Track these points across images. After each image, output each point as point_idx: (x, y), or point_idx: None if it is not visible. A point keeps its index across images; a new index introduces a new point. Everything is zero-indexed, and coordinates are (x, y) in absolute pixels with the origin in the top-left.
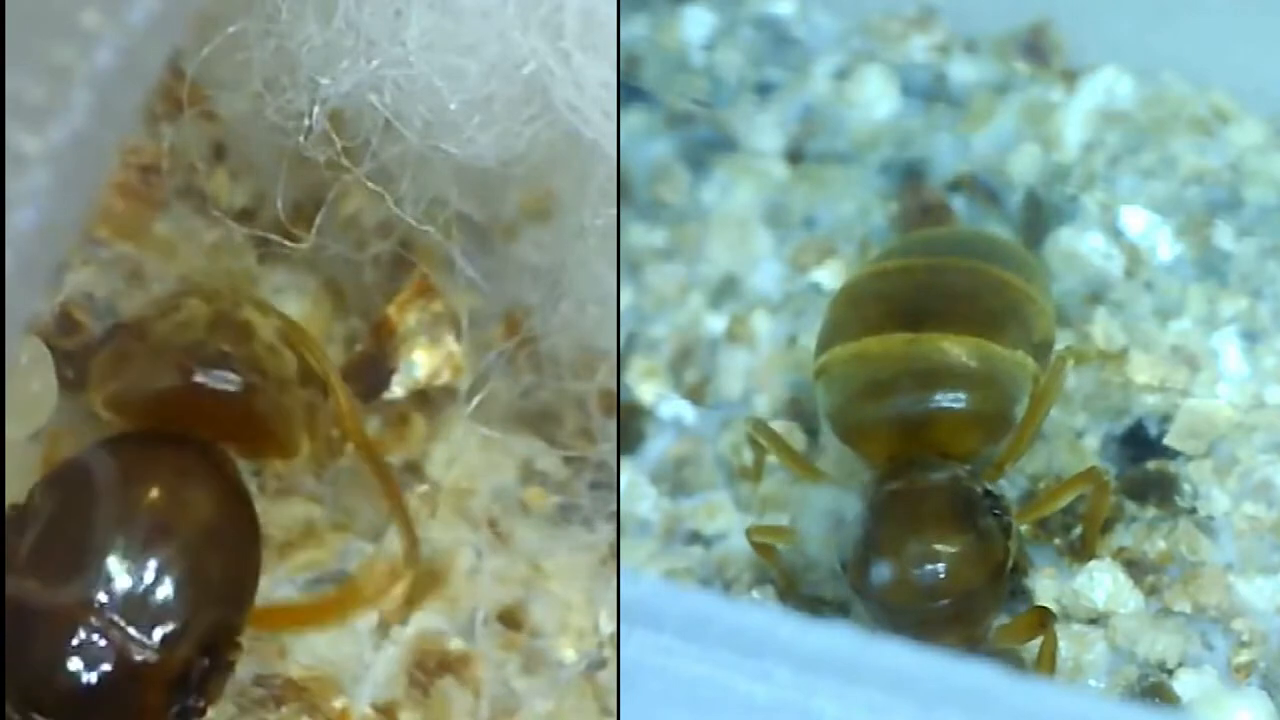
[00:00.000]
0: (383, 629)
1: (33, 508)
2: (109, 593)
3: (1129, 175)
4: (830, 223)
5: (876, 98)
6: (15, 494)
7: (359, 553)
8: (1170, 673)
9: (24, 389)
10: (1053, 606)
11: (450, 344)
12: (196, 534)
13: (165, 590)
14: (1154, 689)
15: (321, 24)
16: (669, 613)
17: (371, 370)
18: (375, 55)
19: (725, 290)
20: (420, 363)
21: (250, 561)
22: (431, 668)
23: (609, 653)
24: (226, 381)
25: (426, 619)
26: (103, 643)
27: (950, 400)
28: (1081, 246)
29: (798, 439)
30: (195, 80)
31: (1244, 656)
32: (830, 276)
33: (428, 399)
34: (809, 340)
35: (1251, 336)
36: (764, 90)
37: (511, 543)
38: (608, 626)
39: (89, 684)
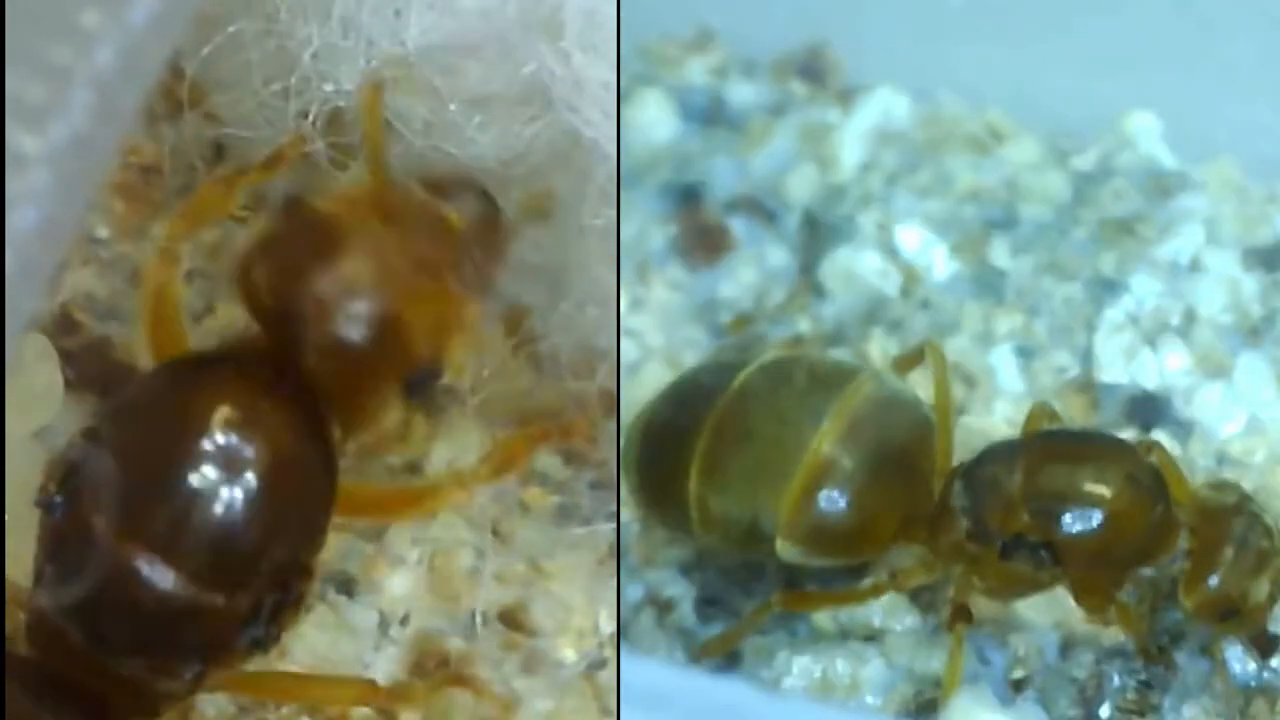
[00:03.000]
0: (383, 629)
1: (99, 437)
2: (176, 532)
3: (905, 194)
4: None
5: (654, 121)
6: (15, 493)
7: (359, 553)
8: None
9: (29, 386)
10: (830, 624)
11: None
12: (271, 467)
13: (236, 529)
14: (929, 705)
15: (321, 24)
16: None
17: None
18: (375, 55)
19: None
20: None
21: (325, 494)
22: (431, 668)
23: (609, 653)
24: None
25: (427, 619)
26: (171, 582)
27: None
28: (858, 266)
29: None
30: (195, 80)
31: (1020, 672)
32: None
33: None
34: None
35: (1027, 353)
36: None
37: (511, 543)
38: (608, 626)
39: (156, 621)
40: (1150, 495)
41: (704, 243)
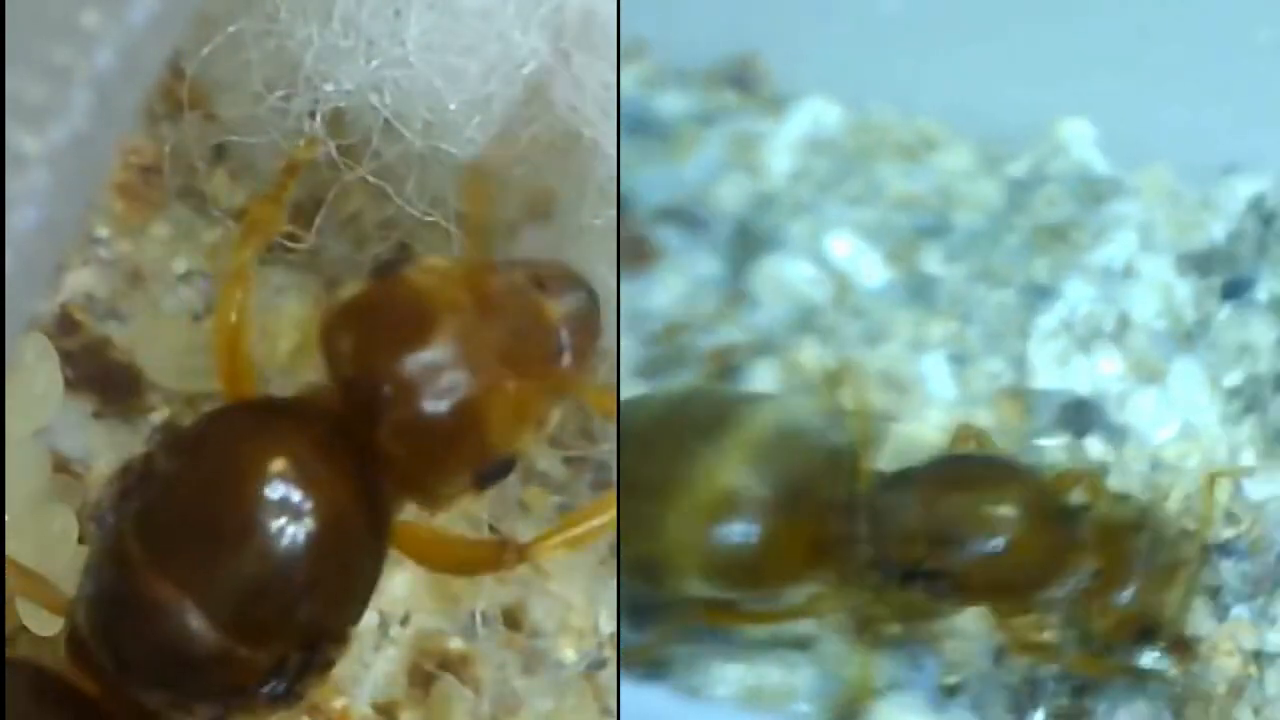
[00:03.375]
0: (383, 629)
1: (154, 465)
2: (211, 577)
3: (836, 202)
4: None
5: None
6: (15, 493)
7: None
8: (879, 694)
9: (29, 386)
10: (762, 632)
11: None
12: (318, 528)
13: (271, 583)
14: (861, 712)
15: (321, 24)
16: None
17: None
18: (375, 55)
19: None
20: None
21: (372, 564)
22: (431, 668)
23: (609, 653)
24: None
25: (427, 619)
26: (197, 625)
27: None
28: (789, 274)
29: None
30: (195, 80)
31: (952, 678)
32: None
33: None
34: None
35: (960, 360)
36: None
37: None
38: (608, 626)
39: (179, 660)
40: (1049, 520)
41: (634, 252)
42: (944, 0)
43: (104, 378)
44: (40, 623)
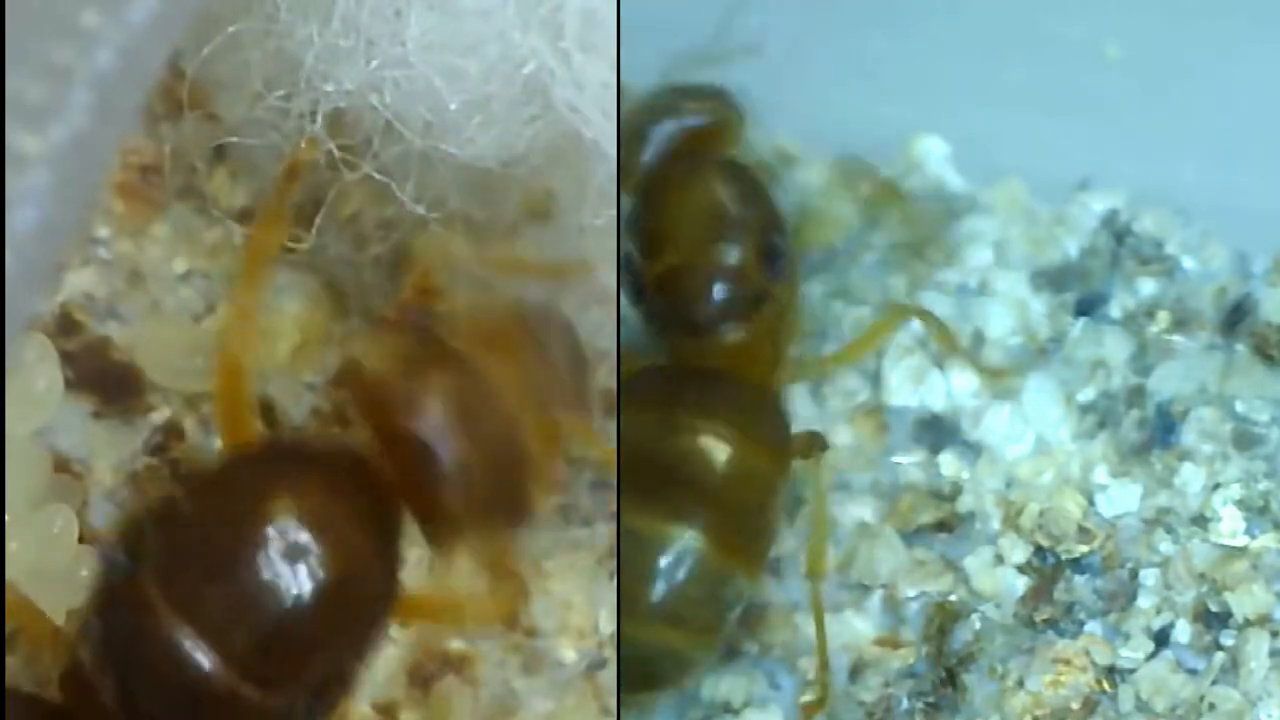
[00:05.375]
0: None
1: (177, 506)
2: (228, 619)
3: None
4: None
5: None
6: (15, 493)
7: None
8: (736, 713)
9: (29, 386)
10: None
11: None
12: (336, 576)
13: (288, 627)
14: None
15: (321, 24)
16: None
17: None
18: (375, 55)
19: None
20: None
21: (382, 613)
22: (431, 668)
23: (609, 653)
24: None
25: None
26: (210, 666)
27: None
28: None
29: None
30: (195, 80)
31: (810, 695)
32: None
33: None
34: None
35: (816, 379)
36: None
37: None
38: (608, 626)
39: (190, 700)
40: None
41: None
42: (800, 19)
43: (104, 378)
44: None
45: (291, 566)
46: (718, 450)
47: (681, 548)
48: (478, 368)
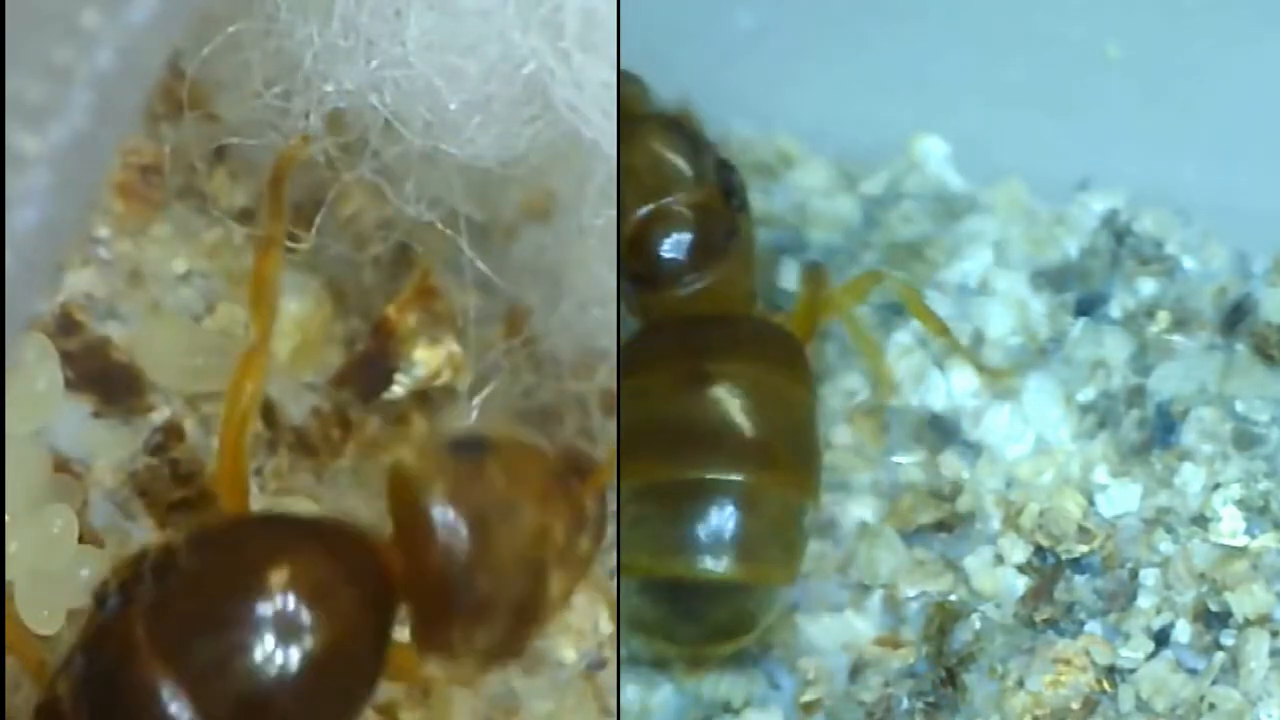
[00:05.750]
0: None
1: (176, 556)
2: (212, 675)
3: None
4: None
5: None
6: (15, 493)
7: None
8: (737, 713)
9: (29, 386)
10: (620, 651)
11: (450, 344)
12: (323, 650)
13: (268, 692)
14: None
15: (321, 24)
16: None
17: (372, 370)
18: (375, 55)
19: None
20: (420, 363)
21: (365, 691)
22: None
23: (609, 653)
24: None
25: None
26: (183, 718)
27: None
28: None
29: None
30: (195, 80)
31: (810, 695)
32: None
33: (428, 399)
34: None
35: (816, 377)
36: None
37: None
38: (607, 626)
39: None
40: None
41: None
42: (800, 19)
43: (104, 378)
44: (40, 622)
45: (281, 634)
46: (746, 387)
47: (739, 489)
48: (514, 500)
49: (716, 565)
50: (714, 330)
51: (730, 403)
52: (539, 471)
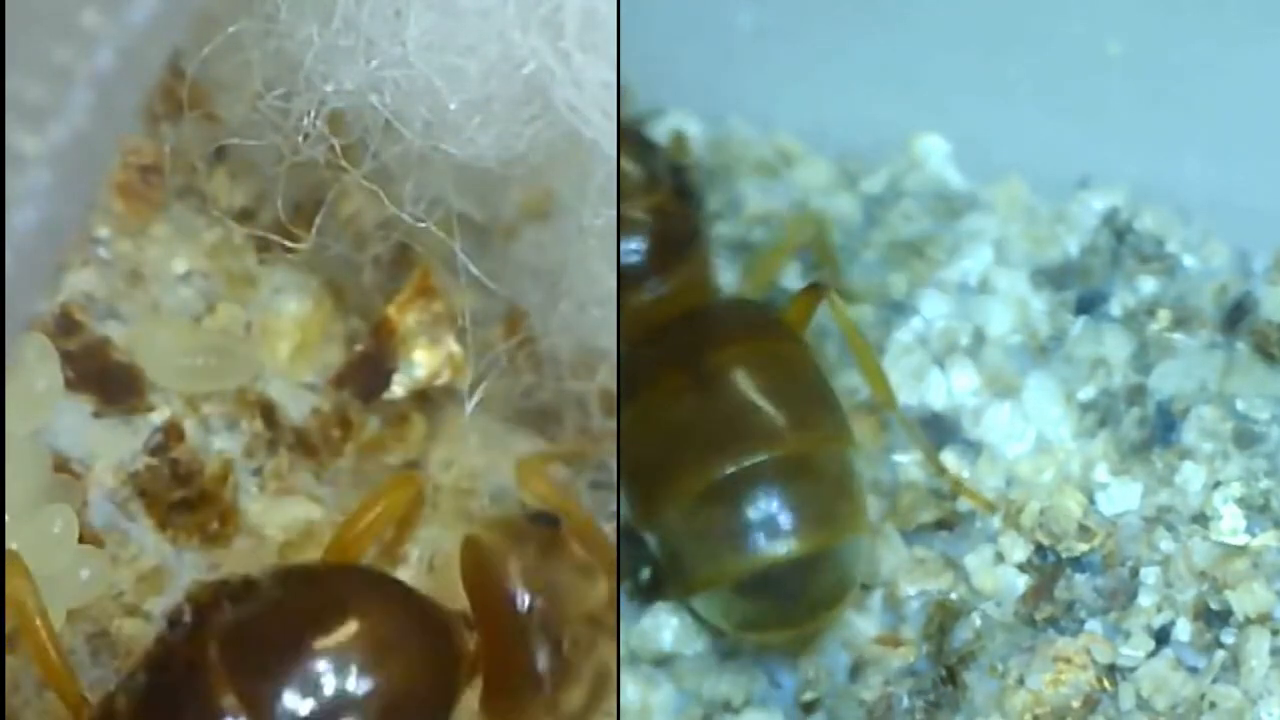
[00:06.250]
0: None
1: (259, 588)
2: (275, 706)
3: None
4: None
5: None
6: (15, 493)
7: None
8: (737, 712)
9: (29, 386)
10: (620, 649)
11: (450, 344)
12: (389, 702)
13: None
14: None
15: (321, 24)
16: None
17: (371, 370)
18: (375, 55)
19: None
20: (420, 363)
21: None
22: None
23: None
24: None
25: None
26: None
27: None
28: None
29: None
30: (195, 80)
31: (810, 694)
32: None
33: (428, 399)
34: None
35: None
36: None
37: None
38: None
39: None
40: None
41: None
42: (801, 18)
43: (104, 378)
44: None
45: (352, 677)
46: (744, 366)
47: (779, 464)
48: (591, 570)
49: (792, 545)
50: (692, 326)
51: (736, 386)
52: (604, 540)
